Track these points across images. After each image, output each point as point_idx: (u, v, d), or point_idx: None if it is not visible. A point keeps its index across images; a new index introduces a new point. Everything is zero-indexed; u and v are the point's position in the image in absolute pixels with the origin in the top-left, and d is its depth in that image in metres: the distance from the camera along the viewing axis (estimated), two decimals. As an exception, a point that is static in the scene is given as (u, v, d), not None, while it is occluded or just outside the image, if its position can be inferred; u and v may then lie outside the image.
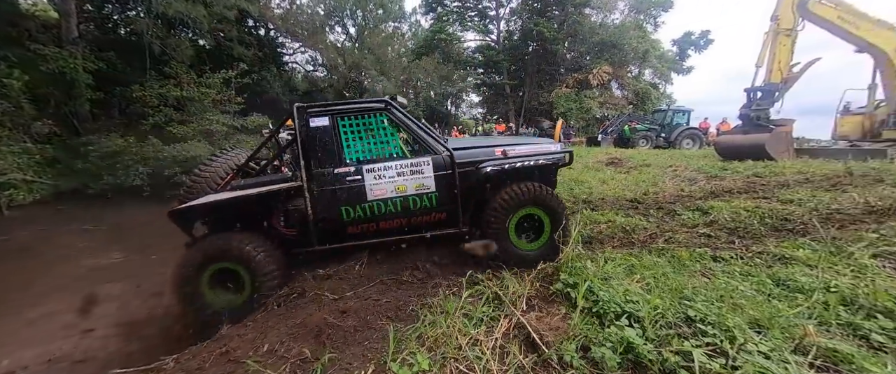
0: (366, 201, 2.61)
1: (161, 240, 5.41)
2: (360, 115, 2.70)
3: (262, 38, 18.48)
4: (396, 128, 2.77)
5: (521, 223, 2.79)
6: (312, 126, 2.62)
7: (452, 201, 2.72)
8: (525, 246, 2.78)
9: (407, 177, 2.66)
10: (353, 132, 2.67)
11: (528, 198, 2.70)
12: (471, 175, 2.74)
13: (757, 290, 2.09)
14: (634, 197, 5.07)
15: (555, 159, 2.95)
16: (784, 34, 7.44)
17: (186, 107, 11.07)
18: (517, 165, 2.79)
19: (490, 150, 2.90)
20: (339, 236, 2.70)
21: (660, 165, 7.86)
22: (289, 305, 2.42)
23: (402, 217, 2.71)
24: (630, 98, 21.21)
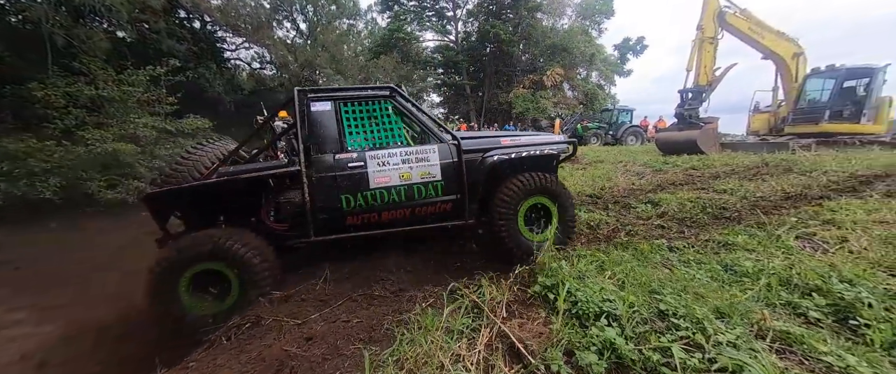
0: (368, 189, 2.49)
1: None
2: (363, 101, 2.63)
3: (198, 31, 16.63)
4: (401, 116, 2.70)
5: (527, 214, 2.80)
6: (313, 111, 2.52)
7: (459, 191, 2.66)
8: (534, 237, 2.78)
9: (412, 164, 2.57)
10: (355, 118, 2.60)
11: (536, 187, 2.74)
12: (477, 164, 2.71)
13: (711, 277, 2.26)
14: (593, 192, 5.36)
15: (559, 150, 3.05)
16: (708, 42, 8.42)
17: (104, 108, 9.53)
18: (523, 154, 2.82)
19: (495, 139, 2.91)
20: (339, 226, 2.55)
21: (611, 161, 8.46)
22: (241, 336, 2.11)
23: (406, 207, 2.60)
24: (580, 98, 22.72)
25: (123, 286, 3.25)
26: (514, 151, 2.84)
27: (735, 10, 8.48)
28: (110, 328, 2.95)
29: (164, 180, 2.36)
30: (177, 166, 2.42)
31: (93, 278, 4.20)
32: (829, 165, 4.98)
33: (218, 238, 2.24)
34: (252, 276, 2.29)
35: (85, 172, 8.37)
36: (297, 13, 23.17)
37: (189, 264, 2.21)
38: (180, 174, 2.36)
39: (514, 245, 2.70)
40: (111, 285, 3.72)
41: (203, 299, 2.31)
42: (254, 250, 2.31)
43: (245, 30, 18.86)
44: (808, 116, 8.31)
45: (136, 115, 9.73)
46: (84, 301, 3.53)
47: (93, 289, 3.84)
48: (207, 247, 2.21)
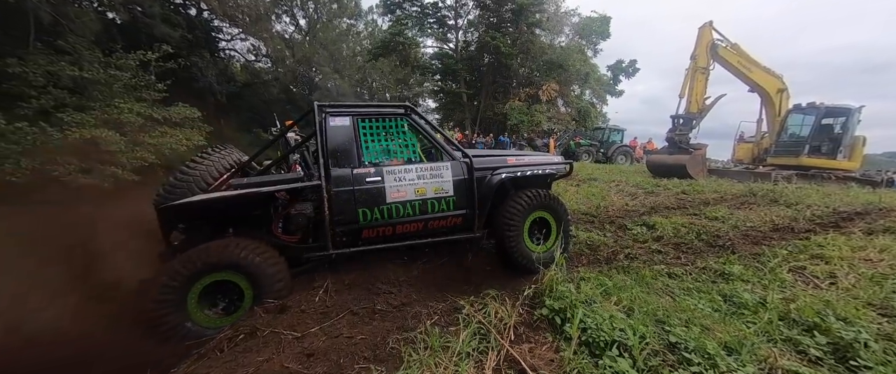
0: (385, 203, 2.57)
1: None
2: (380, 118, 2.74)
3: (193, 18, 16.19)
4: (416, 133, 2.82)
5: (530, 227, 2.97)
6: (331, 126, 2.58)
7: (470, 206, 2.80)
8: (538, 248, 2.95)
9: (427, 180, 2.69)
10: (372, 134, 2.69)
11: (539, 202, 2.92)
12: (486, 181, 2.87)
13: (712, 308, 2.29)
14: (589, 211, 5.43)
15: (558, 170, 3.27)
16: (700, 71, 8.80)
17: (87, 90, 9.09)
18: (528, 173, 3.02)
19: (502, 158, 3.10)
20: (355, 239, 2.62)
21: (604, 180, 8.64)
22: (235, 349, 1.99)
23: (420, 221, 2.71)
24: (573, 115, 23.24)
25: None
26: (520, 170, 3.02)
27: (727, 43, 8.91)
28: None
29: (168, 191, 2.25)
30: (181, 176, 2.32)
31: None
32: (812, 199, 5.23)
33: (238, 248, 2.23)
34: (268, 288, 2.27)
35: (58, 158, 7.91)
36: (297, 8, 22.96)
37: (207, 272, 2.19)
38: (186, 184, 2.26)
39: (520, 256, 2.86)
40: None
41: (210, 311, 2.29)
42: (271, 261, 2.31)
43: (242, 21, 18.48)
44: (790, 149, 8.75)
45: (123, 100, 9.32)
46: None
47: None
48: (228, 256, 2.20)
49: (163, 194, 2.27)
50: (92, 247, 2.84)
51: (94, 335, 2.19)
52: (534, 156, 3.40)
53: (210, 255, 2.18)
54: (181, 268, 2.15)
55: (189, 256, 2.18)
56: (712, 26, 8.85)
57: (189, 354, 2.03)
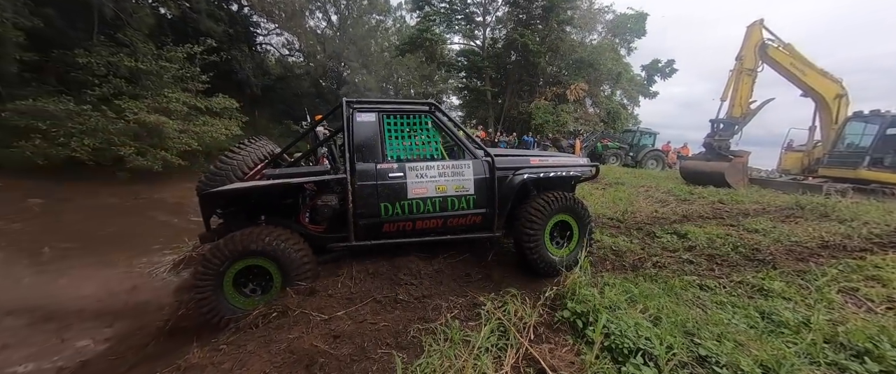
0: (406, 199, 2.60)
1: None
2: (405, 115, 2.77)
3: (235, 14, 17.08)
4: (439, 130, 2.83)
5: (551, 230, 2.92)
6: (357, 121, 2.63)
7: (490, 205, 2.78)
8: (558, 252, 2.90)
9: (448, 178, 2.69)
10: (397, 131, 2.71)
11: (562, 205, 2.84)
12: (507, 181, 2.83)
13: (748, 324, 2.17)
14: (615, 215, 5.25)
15: (583, 172, 3.18)
16: (746, 73, 8.19)
17: (141, 80, 9.91)
18: (551, 174, 2.96)
19: (525, 158, 3.05)
20: (376, 232, 2.67)
21: (632, 184, 8.31)
22: (269, 325, 2.14)
23: (439, 218, 2.72)
24: (602, 116, 22.39)
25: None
26: (543, 171, 2.97)
27: (778, 43, 8.23)
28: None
29: (209, 178, 2.43)
30: (221, 165, 2.50)
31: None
32: (870, 216, 4.77)
33: (268, 235, 2.36)
34: (294, 273, 2.40)
35: (117, 139, 8.69)
36: (329, 4, 23.62)
37: (239, 257, 2.33)
38: (225, 173, 2.43)
39: (540, 259, 2.80)
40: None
41: (245, 294, 2.44)
42: (297, 248, 2.42)
43: (279, 16, 19.30)
44: (846, 161, 7.97)
45: (171, 90, 10.07)
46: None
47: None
48: (258, 243, 2.32)
49: (204, 181, 2.44)
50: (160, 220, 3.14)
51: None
52: (558, 157, 3.32)
53: (241, 242, 2.32)
54: (215, 254, 2.31)
55: (222, 244, 2.33)
56: (762, 25, 8.20)
57: (228, 327, 2.20)
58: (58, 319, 3.45)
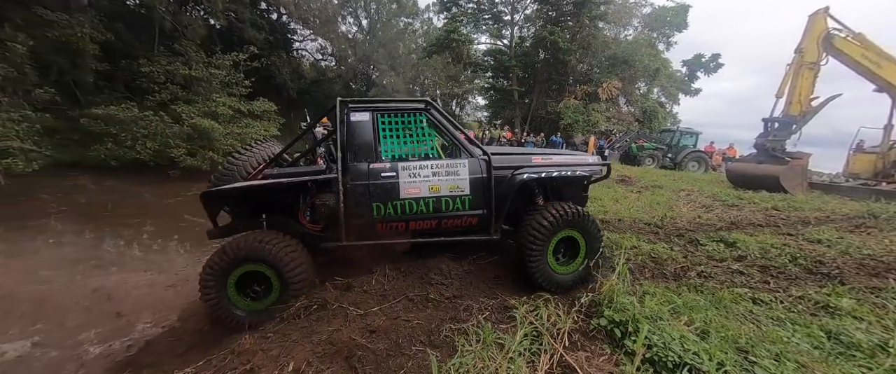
0: (398, 199, 2.54)
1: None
2: (399, 113, 2.69)
3: (274, 22, 18.16)
4: (434, 129, 2.74)
5: (556, 246, 2.71)
6: (352, 121, 2.60)
7: (486, 207, 2.66)
8: (562, 269, 2.71)
9: (441, 177, 2.60)
10: (391, 129, 2.65)
11: (568, 220, 2.61)
12: (507, 181, 2.69)
13: (812, 344, 1.98)
14: (652, 221, 4.97)
15: (592, 172, 2.92)
16: (807, 67, 7.42)
17: (193, 86, 10.82)
18: (554, 173, 2.75)
19: (527, 157, 2.86)
20: (369, 232, 2.61)
21: (671, 188, 7.81)
22: (310, 317, 2.26)
23: (433, 218, 2.63)
24: (637, 115, 21.25)
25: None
26: (545, 171, 2.76)
27: (847, 33, 7.37)
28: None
29: (218, 178, 2.58)
30: (229, 165, 2.63)
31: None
32: (962, 228, 4.14)
33: (263, 241, 2.37)
34: (290, 280, 2.39)
35: (172, 141, 9.55)
36: (360, 9, 24.41)
37: (237, 264, 2.37)
38: (232, 172, 2.57)
39: (540, 276, 2.61)
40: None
41: (248, 297, 2.48)
42: (293, 254, 2.41)
43: (314, 23, 20.27)
44: (931, 164, 6.98)
45: (219, 94, 10.91)
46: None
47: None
48: (253, 250, 2.35)
49: (213, 180, 2.57)
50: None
51: None
52: (564, 156, 3.03)
53: (236, 250, 2.35)
54: (215, 262, 2.36)
55: (220, 251, 2.39)
56: (827, 13, 7.37)
57: (273, 317, 2.36)
58: (118, 303, 3.88)
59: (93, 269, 4.79)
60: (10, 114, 6.56)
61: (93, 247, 5.46)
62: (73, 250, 5.35)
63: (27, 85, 7.35)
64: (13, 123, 6.50)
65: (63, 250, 5.37)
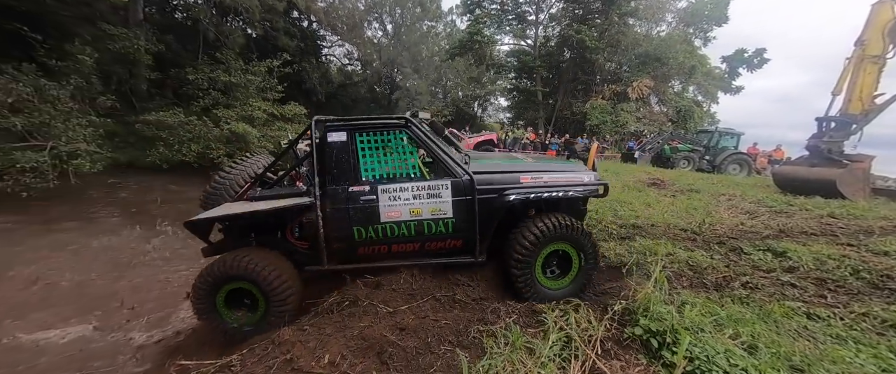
0: (379, 223, 2.47)
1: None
2: (378, 131, 2.56)
3: (305, 29, 19.03)
4: (416, 146, 2.61)
5: (548, 259, 2.61)
6: (329, 141, 2.48)
7: (470, 229, 2.55)
8: (551, 284, 2.59)
9: (423, 200, 2.50)
10: (370, 149, 2.53)
11: (559, 234, 2.49)
12: (493, 202, 2.55)
13: (880, 366, 1.80)
14: (688, 227, 4.71)
15: (586, 192, 2.70)
16: (870, 61, 6.72)
17: (232, 92, 11.56)
18: (544, 195, 2.58)
19: (515, 175, 2.67)
20: (351, 256, 2.58)
21: (710, 192, 7.34)
22: (343, 312, 2.35)
23: (416, 242, 2.57)
24: (670, 115, 20.20)
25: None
26: (534, 192, 2.59)
27: (919, 21, 6.60)
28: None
29: (207, 195, 2.65)
30: (217, 183, 2.67)
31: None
32: None
33: (247, 260, 2.37)
34: (276, 299, 2.40)
35: (213, 144, 10.24)
36: (386, 14, 25.01)
37: (223, 283, 2.40)
38: (221, 190, 2.62)
39: (531, 293, 2.52)
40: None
41: (238, 311, 2.51)
42: (277, 273, 2.40)
43: (341, 29, 21.03)
44: None
45: (254, 99, 11.58)
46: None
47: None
48: (237, 269, 2.37)
49: (203, 197, 2.63)
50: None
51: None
52: (558, 172, 2.77)
53: (221, 269, 2.37)
54: (203, 280, 2.39)
55: (206, 270, 2.41)
56: (894, 1, 6.65)
57: (309, 310, 2.47)
58: (167, 294, 4.21)
59: (145, 262, 5.25)
60: (79, 120, 7.33)
61: (144, 241, 5.97)
62: (127, 244, 5.89)
63: (93, 93, 8.19)
64: (82, 128, 7.25)
65: (119, 244, 5.92)
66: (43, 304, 3.96)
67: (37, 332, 3.45)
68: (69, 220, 6.69)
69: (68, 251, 5.50)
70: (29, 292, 4.22)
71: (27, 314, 3.74)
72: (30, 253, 5.30)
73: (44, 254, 5.32)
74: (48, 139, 6.73)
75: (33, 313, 3.76)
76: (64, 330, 3.50)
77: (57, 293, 4.22)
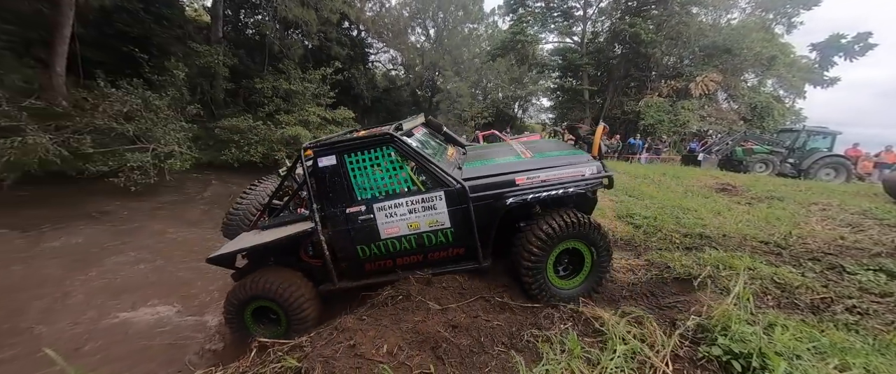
0: (380, 240, 2.55)
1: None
2: (365, 149, 2.55)
3: (354, 38, 20.22)
4: (405, 159, 2.58)
5: (559, 256, 2.53)
6: (320, 166, 2.52)
7: (470, 237, 2.55)
8: (564, 284, 2.54)
9: (419, 213, 2.52)
10: (361, 168, 2.55)
11: (570, 232, 2.41)
12: (489, 207, 2.53)
13: None
14: (770, 239, 4.13)
15: (588, 187, 2.56)
16: None
17: (291, 98, 12.69)
18: (542, 195, 2.50)
19: (509, 177, 2.58)
20: (359, 273, 2.69)
21: (796, 200, 6.36)
22: (397, 306, 2.45)
23: (418, 254, 2.62)
24: (742, 112, 17.86)
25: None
26: (532, 193, 2.50)
27: None
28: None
29: (225, 226, 2.94)
30: (232, 213, 2.95)
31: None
32: None
33: (267, 282, 2.58)
34: (294, 316, 2.59)
35: (275, 146, 11.32)
36: (429, 19, 25.62)
37: (248, 302, 2.64)
38: (236, 220, 2.91)
39: (539, 290, 2.47)
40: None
41: (265, 325, 2.73)
42: (296, 293, 2.58)
43: (387, 36, 22.00)
44: None
45: (310, 105, 12.59)
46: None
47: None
48: (254, 291, 2.59)
49: (223, 227, 2.93)
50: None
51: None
52: (556, 169, 2.61)
53: (246, 289, 2.60)
54: (231, 300, 2.65)
55: (235, 289, 2.67)
56: None
57: (365, 302, 2.62)
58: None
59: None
60: (173, 125, 8.59)
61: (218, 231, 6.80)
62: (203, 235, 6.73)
63: (183, 103, 9.54)
64: (175, 133, 8.49)
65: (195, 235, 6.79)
66: (132, 287, 4.66)
67: (130, 311, 4.09)
68: (163, 211, 7.88)
69: (157, 240, 6.46)
70: (122, 275, 5.03)
71: (120, 294, 4.44)
72: (129, 239, 6.33)
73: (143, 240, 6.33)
74: (151, 143, 7.98)
75: (125, 294, 4.44)
76: (153, 310, 4.12)
77: (140, 278, 4.95)
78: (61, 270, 5.09)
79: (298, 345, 2.03)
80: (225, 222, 3.20)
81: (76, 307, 4.19)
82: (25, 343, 3.50)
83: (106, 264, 5.35)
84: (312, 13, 13.40)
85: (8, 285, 4.63)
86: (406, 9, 23.91)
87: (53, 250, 5.79)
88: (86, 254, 5.68)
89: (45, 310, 4.13)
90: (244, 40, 15.03)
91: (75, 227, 6.63)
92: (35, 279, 4.83)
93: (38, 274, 4.98)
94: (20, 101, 6.77)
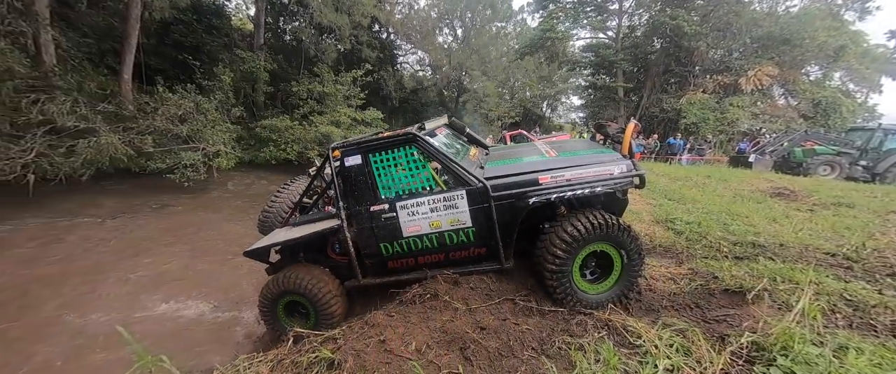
0: (402, 238, 2.58)
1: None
2: (388, 149, 2.60)
3: (384, 40, 20.71)
4: (427, 159, 2.59)
5: (585, 259, 2.44)
6: (347, 165, 2.60)
7: (491, 236, 2.52)
8: (593, 288, 2.45)
9: (440, 212, 2.52)
10: (384, 167, 2.60)
11: (597, 234, 2.31)
12: (511, 207, 2.48)
13: None
14: (838, 251, 3.68)
15: (616, 186, 2.41)
16: None
17: (324, 100, 13.25)
18: (566, 194, 2.39)
19: (533, 176, 2.50)
20: (382, 270, 2.74)
21: (870, 208, 5.62)
22: (425, 305, 2.46)
23: (440, 252, 2.63)
24: (802, 109, 16.08)
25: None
26: (556, 192, 2.39)
27: None
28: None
29: (264, 214, 3.13)
30: (267, 211, 3.14)
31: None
32: None
33: (296, 277, 2.73)
34: (321, 311, 2.72)
35: (309, 145, 11.87)
36: (456, 19, 25.66)
37: (280, 297, 2.81)
38: (271, 217, 3.11)
39: (565, 296, 2.39)
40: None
41: (297, 320, 2.87)
42: (324, 289, 2.71)
43: (415, 37, 22.30)
44: None
45: (341, 107, 13.07)
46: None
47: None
48: (284, 286, 2.75)
49: (259, 223, 3.12)
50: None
51: None
52: (582, 167, 2.49)
53: (277, 285, 2.76)
54: (264, 295, 2.82)
55: (267, 284, 2.84)
56: None
57: (394, 299, 2.67)
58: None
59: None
60: (220, 126, 9.30)
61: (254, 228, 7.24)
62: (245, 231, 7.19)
63: (229, 106, 10.29)
64: (222, 133, 9.19)
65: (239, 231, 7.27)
66: (170, 282, 5.01)
67: (171, 303, 4.41)
68: (209, 205, 8.56)
69: (201, 233, 7.00)
70: (159, 270, 5.40)
71: (160, 287, 4.80)
72: (178, 231, 6.91)
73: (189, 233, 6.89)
74: (201, 143, 8.69)
75: (164, 288, 4.79)
76: (192, 303, 4.43)
77: (178, 273, 5.30)
78: (115, 257, 5.67)
79: (331, 337, 2.11)
80: (260, 218, 3.43)
81: (123, 297, 4.56)
82: (68, 324, 3.91)
83: (154, 254, 5.88)
84: (345, 18, 13.89)
85: (67, 271, 5.21)
86: (434, 9, 24.09)
87: (112, 236, 6.49)
88: (138, 244, 6.28)
89: (99, 296, 4.57)
90: (282, 46, 15.91)
91: (137, 217, 7.40)
92: (94, 266, 5.39)
93: (97, 262, 5.58)
94: (96, 105, 7.65)
